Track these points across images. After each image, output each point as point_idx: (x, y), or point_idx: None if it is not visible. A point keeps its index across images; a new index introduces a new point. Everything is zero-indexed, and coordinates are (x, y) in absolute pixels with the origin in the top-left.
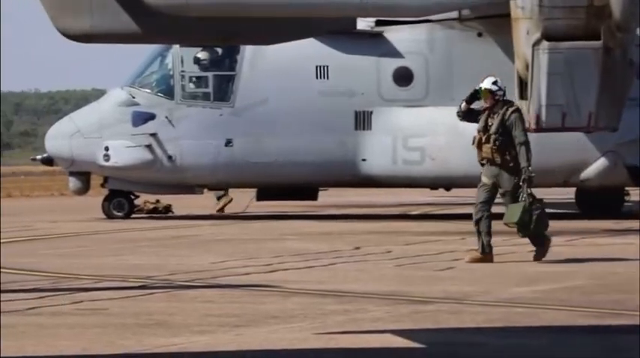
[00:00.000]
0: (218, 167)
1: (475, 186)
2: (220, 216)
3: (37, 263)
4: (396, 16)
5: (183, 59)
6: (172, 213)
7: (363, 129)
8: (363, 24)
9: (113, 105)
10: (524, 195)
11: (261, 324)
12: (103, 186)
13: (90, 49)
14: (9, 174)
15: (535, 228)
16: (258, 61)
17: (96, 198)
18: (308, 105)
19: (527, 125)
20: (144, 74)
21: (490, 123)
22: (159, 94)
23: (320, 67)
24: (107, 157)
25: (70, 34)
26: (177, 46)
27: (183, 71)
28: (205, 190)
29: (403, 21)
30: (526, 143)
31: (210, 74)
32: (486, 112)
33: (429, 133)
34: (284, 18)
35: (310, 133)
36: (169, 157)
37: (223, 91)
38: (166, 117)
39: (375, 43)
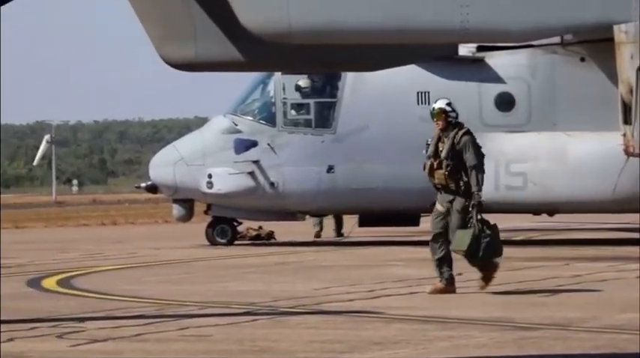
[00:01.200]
0: (320, 193)
1: (579, 211)
2: (323, 242)
3: (142, 290)
4: (498, 41)
5: (284, 86)
6: (275, 239)
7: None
8: (465, 50)
9: (216, 133)
10: (474, 221)
11: (365, 350)
12: (206, 213)
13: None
14: (114, 202)
15: (484, 256)
16: (360, 88)
17: (199, 224)
18: (409, 131)
19: (632, 150)
20: (246, 102)
21: (441, 148)
22: (261, 122)
23: (421, 92)
24: (210, 184)
25: (174, 63)
26: (279, 73)
27: (285, 98)
28: (307, 217)
29: (505, 46)
30: (477, 166)
31: (311, 101)
32: (437, 136)
33: (531, 159)
34: (387, 45)
35: (412, 159)
36: (271, 184)
37: (325, 118)
38: (268, 145)
39: (476, 69)
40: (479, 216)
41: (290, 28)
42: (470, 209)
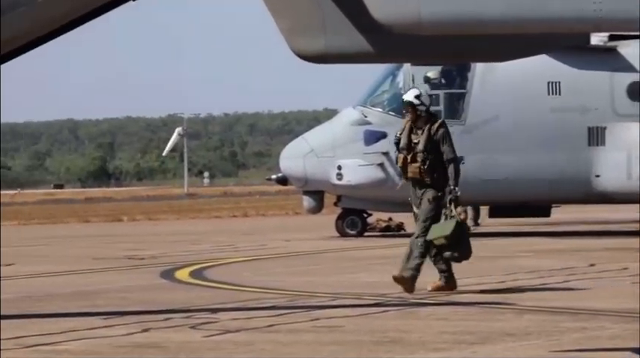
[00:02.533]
0: None
1: None
2: None
3: (273, 281)
4: (632, 30)
5: (414, 77)
6: (405, 230)
7: (597, 144)
8: (596, 39)
9: (345, 125)
10: (453, 215)
11: (497, 341)
12: (336, 204)
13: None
14: (245, 194)
15: (464, 249)
16: (489, 78)
17: (329, 216)
18: (540, 121)
19: None
20: (375, 93)
21: (415, 141)
22: (390, 113)
23: (552, 83)
24: (340, 176)
25: (304, 55)
26: (408, 64)
27: None
28: None
29: (638, 35)
30: (454, 160)
31: (441, 92)
32: (407, 128)
33: None
34: (517, 35)
35: (542, 150)
36: (401, 175)
37: (454, 109)
38: None
39: (608, 58)
40: (457, 210)
41: (420, 18)
42: (447, 204)
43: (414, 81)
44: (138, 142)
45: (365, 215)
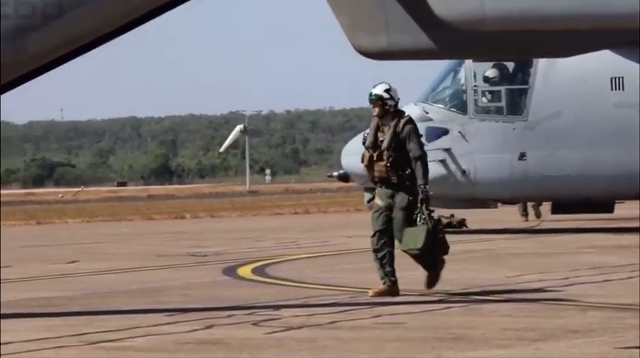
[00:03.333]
0: (512, 181)
1: None
2: (514, 230)
3: (335, 278)
4: None
5: (475, 74)
6: (466, 227)
7: None
8: None
9: None
10: (424, 217)
11: (560, 338)
12: None
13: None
14: (306, 191)
15: (438, 253)
16: (552, 74)
17: None
18: (603, 117)
19: None
20: (437, 90)
21: (381, 139)
22: (452, 109)
23: (615, 78)
24: None
25: (365, 52)
26: (470, 60)
27: (475, 86)
28: (499, 204)
29: None
30: (422, 157)
31: (502, 88)
32: (375, 126)
33: None
34: (580, 30)
35: (605, 146)
36: (463, 172)
37: (516, 105)
38: (459, 132)
39: None
40: (428, 211)
41: (483, 15)
42: (418, 205)
43: (475, 77)
44: (200, 140)
45: None
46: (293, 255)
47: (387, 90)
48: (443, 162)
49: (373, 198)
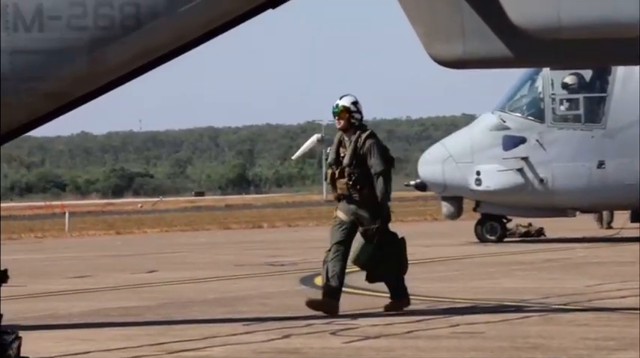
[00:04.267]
0: (590, 189)
1: None
2: (593, 238)
3: (413, 287)
4: None
5: (553, 82)
6: (545, 236)
7: None
8: None
9: (484, 130)
10: (379, 234)
11: None
12: (475, 210)
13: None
14: None
15: (387, 271)
16: (630, 82)
17: (468, 222)
18: None
19: None
20: (514, 98)
21: (342, 154)
22: (529, 118)
23: None
24: (479, 182)
25: (442, 61)
26: (547, 68)
27: (553, 94)
28: (577, 213)
29: None
30: (383, 173)
31: (580, 96)
32: (337, 141)
33: None
34: None
35: None
36: (541, 180)
37: (595, 113)
38: (537, 141)
39: None
40: (379, 227)
41: (560, 22)
42: (377, 221)
43: (553, 85)
44: (277, 149)
45: (504, 220)
46: None
47: (355, 103)
48: (520, 171)
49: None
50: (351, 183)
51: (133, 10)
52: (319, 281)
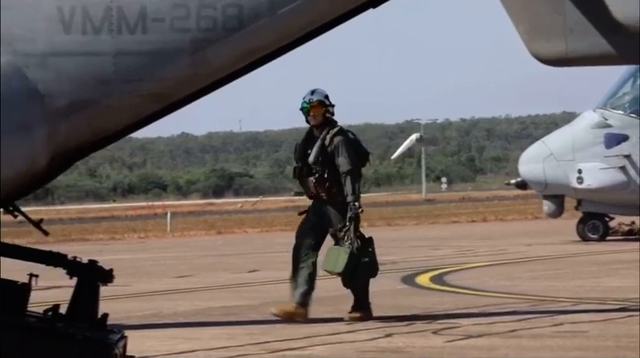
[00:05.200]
0: None
1: None
2: None
3: (514, 286)
4: None
5: None
6: None
7: None
8: None
9: (586, 128)
10: (351, 236)
11: None
12: (577, 208)
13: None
14: (483, 199)
15: (361, 277)
16: None
17: (570, 220)
18: None
19: None
20: (616, 95)
21: (309, 151)
22: (632, 115)
23: None
24: (580, 180)
25: (544, 58)
26: None
27: None
28: None
29: None
30: (351, 172)
31: None
32: (305, 137)
33: None
34: None
35: None
36: None
37: None
38: None
39: None
40: (357, 232)
41: None
42: (347, 223)
43: None
44: (376, 149)
45: (607, 219)
46: (471, 263)
47: (327, 97)
48: (623, 168)
49: (306, 211)
50: (316, 181)
51: (236, 12)
52: (421, 280)
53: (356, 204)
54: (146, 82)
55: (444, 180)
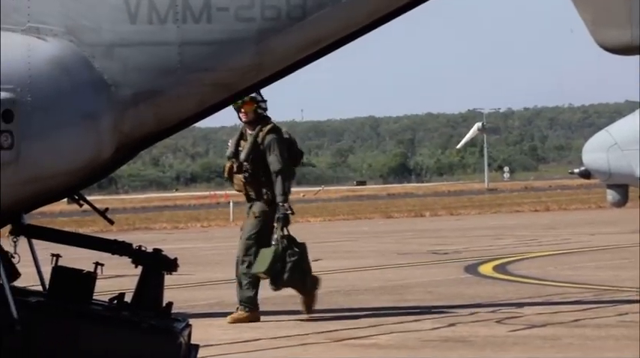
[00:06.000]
0: None
1: None
2: None
3: (578, 275)
4: None
5: None
6: None
7: None
8: None
9: None
10: (278, 237)
11: None
12: None
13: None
14: (545, 188)
15: (290, 279)
16: None
17: (634, 209)
18: None
19: None
20: None
21: (241, 148)
22: None
23: None
24: None
25: (609, 47)
26: None
27: None
28: None
29: None
30: (282, 171)
31: None
32: (240, 133)
33: None
34: None
35: None
36: None
37: None
38: None
39: None
40: (285, 232)
41: None
42: (274, 224)
43: None
44: (438, 138)
45: None
46: (534, 253)
47: (259, 92)
48: None
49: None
50: (246, 179)
51: (300, 1)
52: (484, 269)
53: (285, 204)
54: (211, 72)
55: (506, 169)
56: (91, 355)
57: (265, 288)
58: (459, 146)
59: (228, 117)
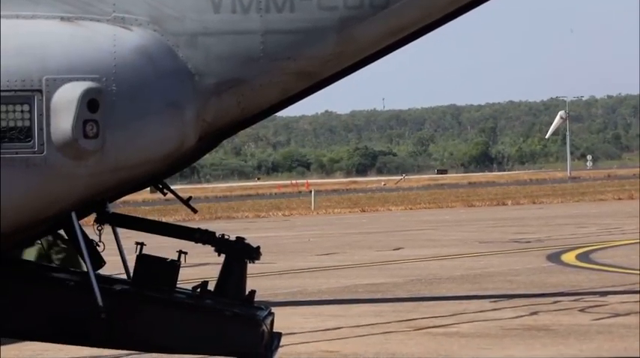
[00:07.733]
0: None
1: None
2: None
3: None
4: None
5: None
6: None
7: None
8: None
9: None
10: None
11: None
12: None
13: None
14: (629, 176)
15: None
16: None
17: None
18: None
19: None
20: None
21: None
22: None
23: None
24: None
25: None
26: None
27: None
28: None
29: None
30: None
31: None
32: None
33: None
34: None
35: None
36: None
37: None
38: None
39: None
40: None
41: None
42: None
43: None
44: (520, 126)
45: None
46: (617, 241)
47: None
48: None
49: None
50: None
51: None
52: (566, 257)
53: None
54: (294, 61)
55: (589, 157)
56: (174, 342)
57: (347, 278)
58: (547, 135)
59: (309, 106)
